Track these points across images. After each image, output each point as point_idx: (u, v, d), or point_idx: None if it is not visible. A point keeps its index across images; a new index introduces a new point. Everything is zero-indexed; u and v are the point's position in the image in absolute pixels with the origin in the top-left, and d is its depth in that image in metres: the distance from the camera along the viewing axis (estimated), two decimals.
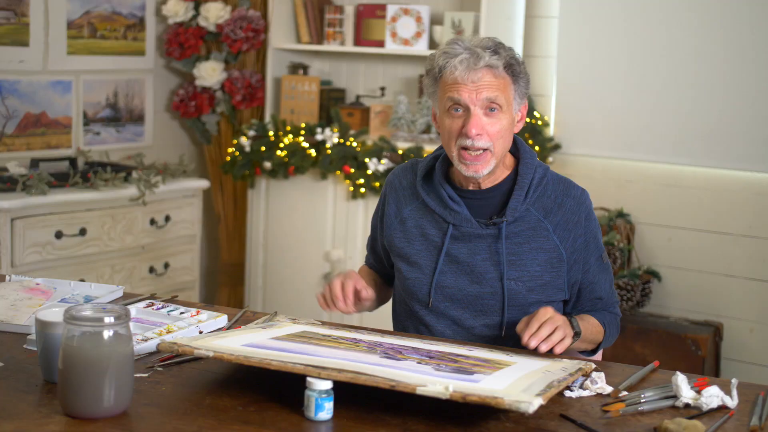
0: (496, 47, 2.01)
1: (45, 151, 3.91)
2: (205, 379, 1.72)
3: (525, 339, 1.89)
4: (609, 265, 2.18)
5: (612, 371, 1.86)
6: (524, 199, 2.07)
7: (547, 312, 1.92)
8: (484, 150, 2.01)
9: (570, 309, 2.16)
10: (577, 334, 1.99)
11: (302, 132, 4.11)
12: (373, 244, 2.32)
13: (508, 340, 2.07)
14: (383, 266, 2.31)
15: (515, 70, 2.03)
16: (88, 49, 4.07)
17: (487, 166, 2.02)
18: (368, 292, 2.06)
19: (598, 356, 2.23)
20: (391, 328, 2.31)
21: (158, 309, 2.10)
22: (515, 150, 2.14)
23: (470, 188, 2.10)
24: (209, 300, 4.71)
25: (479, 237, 2.07)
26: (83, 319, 1.52)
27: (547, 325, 1.89)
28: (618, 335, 2.21)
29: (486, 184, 2.10)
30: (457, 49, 2.00)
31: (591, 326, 2.08)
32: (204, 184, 4.10)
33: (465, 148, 2.01)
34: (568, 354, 2.00)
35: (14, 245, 3.38)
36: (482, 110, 2.00)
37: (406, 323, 2.19)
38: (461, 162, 2.03)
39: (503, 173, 2.11)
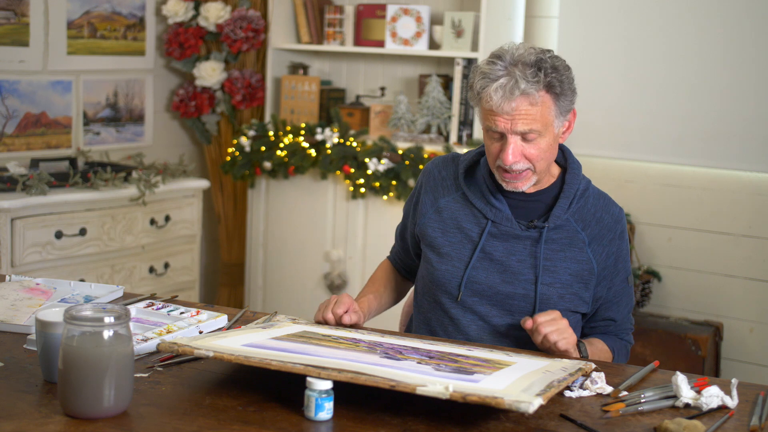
0: (539, 64, 1.96)
1: (45, 151, 3.91)
2: (205, 379, 1.72)
3: (528, 326, 1.93)
4: (632, 291, 2.18)
5: (612, 371, 1.86)
6: (567, 208, 2.08)
7: (553, 312, 1.95)
8: (524, 170, 2.02)
9: (582, 324, 2.17)
10: (583, 359, 2.01)
11: (302, 132, 4.11)
12: (402, 231, 2.32)
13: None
14: (409, 255, 2.31)
15: (556, 89, 1.98)
16: (88, 49, 4.07)
17: (527, 182, 2.04)
18: (351, 318, 2.06)
19: None
20: (393, 327, 2.31)
21: (158, 309, 2.11)
22: (563, 159, 2.15)
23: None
24: (209, 300, 4.71)
25: (517, 238, 2.08)
26: (83, 319, 1.52)
27: (550, 324, 1.92)
28: (626, 361, 2.21)
29: (530, 189, 2.10)
30: (496, 71, 1.96)
31: (599, 351, 2.10)
32: (204, 184, 4.10)
33: (503, 170, 2.02)
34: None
35: (14, 245, 3.38)
36: (519, 136, 1.99)
37: (430, 315, 2.18)
38: (501, 179, 2.05)
39: (549, 181, 2.12)
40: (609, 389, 1.73)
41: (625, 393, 1.72)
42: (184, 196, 4.03)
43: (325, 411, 1.54)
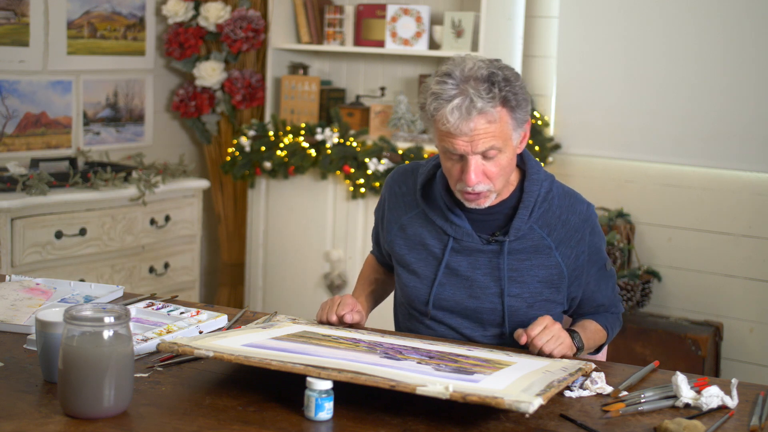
0: (491, 77, 1.90)
1: (45, 151, 3.91)
2: (205, 379, 1.72)
3: (523, 341, 1.93)
4: (612, 272, 2.16)
5: (612, 371, 1.86)
6: (528, 217, 2.03)
7: (544, 320, 1.93)
8: (486, 190, 1.96)
9: (570, 314, 2.17)
10: (579, 350, 2.01)
11: (302, 132, 4.11)
12: (376, 237, 2.31)
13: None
14: (385, 259, 2.30)
15: (511, 103, 1.92)
16: (88, 49, 4.07)
17: (487, 200, 1.99)
18: (353, 317, 2.07)
19: (602, 356, 2.23)
20: (391, 328, 2.31)
21: (158, 309, 2.11)
22: (521, 162, 2.08)
23: None
24: (209, 300, 4.71)
25: (480, 252, 2.05)
26: (83, 319, 1.52)
27: (543, 334, 1.91)
28: (620, 328, 2.22)
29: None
30: (448, 90, 1.90)
31: (592, 333, 2.09)
32: (204, 184, 4.10)
33: (465, 191, 1.97)
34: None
35: (14, 245, 3.38)
36: (479, 155, 1.92)
37: (407, 324, 2.19)
38: (463, 199, 1.99)
39: (508, 190, 2.06)
40: (609, 389, 1.73)
41: (625, 393, 1.72)
42: (184, 196, 4.03)
43: (325, 411, 1.54)
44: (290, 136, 4.12)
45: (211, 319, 2.05)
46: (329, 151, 3.99)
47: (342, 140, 4.01)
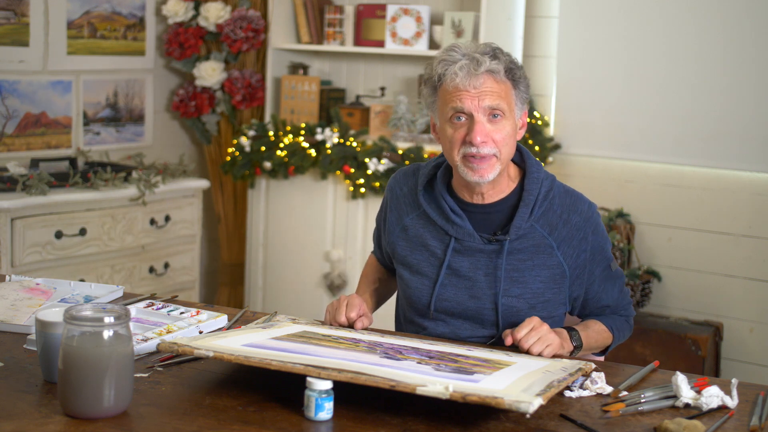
0: (495, 52, 1.96)
1: (45, 151, 3.91)
2: (205, 379, 1.72)
3: (508, 342, 1.92)
4: (619, 272, 2.13)
5: (612, 371, 1.86)
6: (529, 216, 2.01)
7: (531, 321, 1.92)
8: (490, 155, 1.95)
9: (577, 314, 2.15)
10: (576, 348, 2.00)
11: (302, 132, 4.11)
12: (378, 239, 2.29)
13: None
14: (386, 261, 2.30)
15: (515, 75, 1.98)
16: (88, 49, 4.07)
17: (492, 170, 1.96)
18: (363, 323, 2.04)
19: (602, 356, 2.23)
20: (391, 327, 2.31)
21: (158, 309, 2.11)
22: (520, 160, 2.07)
23: (474, 201, 2.05)
24: (209, 300, 4.71)
25: (481, 252, 2.03)
26: (83, 319, 1.52)
27: (530, 336, 1.90)
28: (630, 333, 2.20)
29: (490, 198, 2.04)
30: (455, 56, 1.96)
31: (595, 333, 2.07)
32: (204, 184, 4.10)
33: (470, 156, 1.95)
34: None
35: (14, 245, 3.38)
36: (485, 117, 1.94)
37: (406, 326, 2.18)
38: (466, 167, 1.96)
39: (509, 186, 2.05)
40: (609, 389, 1.73)
41: (625, 393, 1.72)
42: (184, 196, 4.03)
43: (325, 411, 1.54)
44: (290, 136, 4.12)
45: (211, 319, 2.05)
46: (329, 151, 3.99)
47: (342, 140, 4.01)
